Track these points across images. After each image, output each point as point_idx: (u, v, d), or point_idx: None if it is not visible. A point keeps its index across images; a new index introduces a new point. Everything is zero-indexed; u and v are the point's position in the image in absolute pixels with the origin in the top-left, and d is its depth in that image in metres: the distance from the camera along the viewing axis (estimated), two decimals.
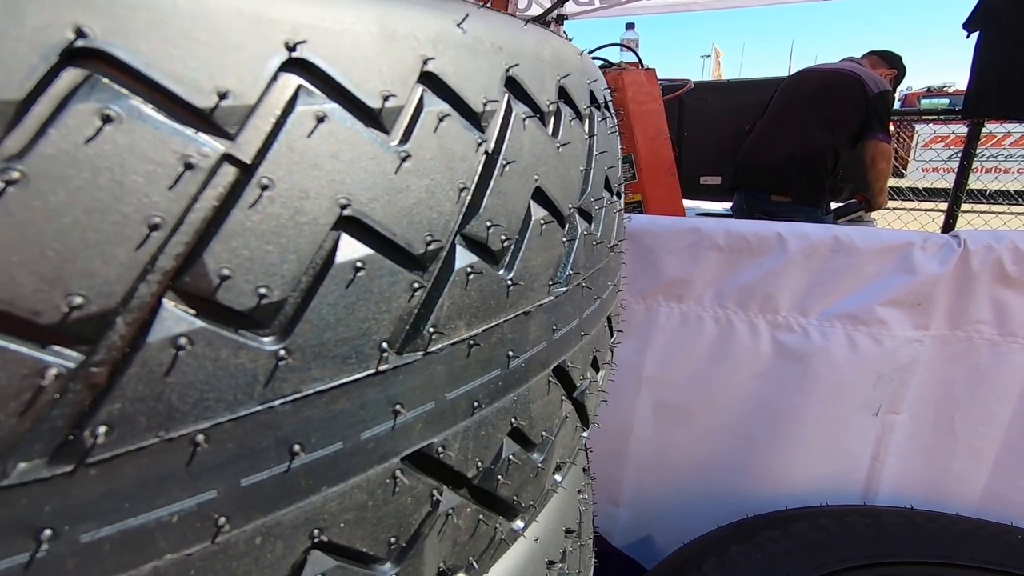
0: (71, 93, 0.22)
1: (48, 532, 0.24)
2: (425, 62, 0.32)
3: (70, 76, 0.22)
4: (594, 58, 2.41)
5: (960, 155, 2.94)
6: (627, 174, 2.26)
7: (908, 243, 1.18)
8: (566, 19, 4.05)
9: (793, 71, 3.19)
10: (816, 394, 1.30)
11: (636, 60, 2.51)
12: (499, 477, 0.43)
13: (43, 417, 0.23)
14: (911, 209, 3.88)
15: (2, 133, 0.21)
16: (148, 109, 0.23)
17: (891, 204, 4.36)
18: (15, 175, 0.21)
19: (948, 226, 3.01)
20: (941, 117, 3.53)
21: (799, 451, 1.36)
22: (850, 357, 1.26)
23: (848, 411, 1.31)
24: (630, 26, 2.89)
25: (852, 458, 1.35)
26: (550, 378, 0.47)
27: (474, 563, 0.45)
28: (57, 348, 0.23)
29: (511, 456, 0.44)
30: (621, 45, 2.71)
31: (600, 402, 0.64)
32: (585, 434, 0.61)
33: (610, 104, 0.59)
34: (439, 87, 0.33)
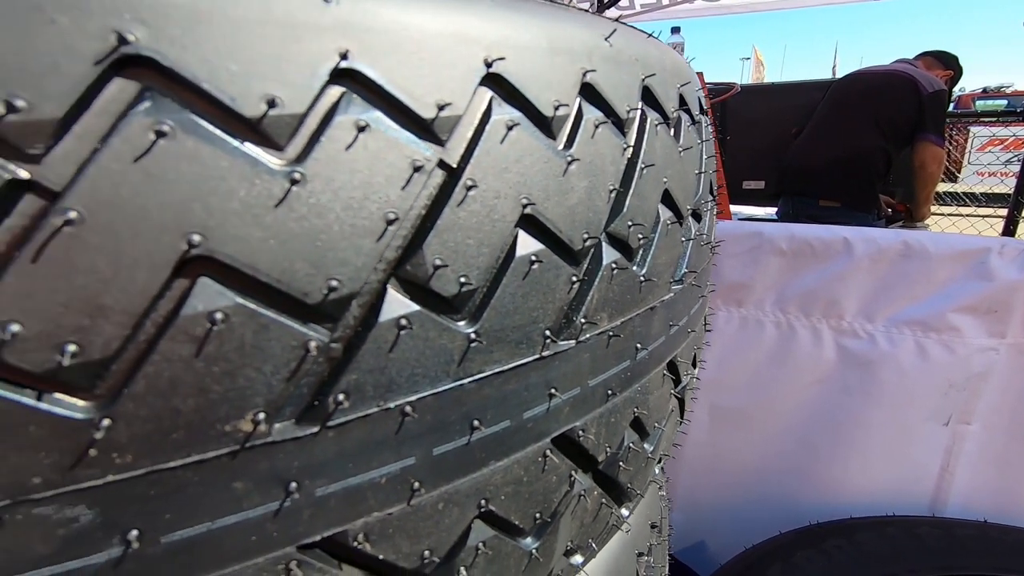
0: (334, 107, 0.26)
1: (294, 484, 0.27)
2: (584, 74, 0.35)
3: (334, 92, 0.26)
4: None
5: (1022, 159, 2.83)
6: None
7: (984, 248, 1.16)
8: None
9: (838, 73, 3.13)
10: (882, 401, 1.28)
11: None
12: (620, 463, 0.46)
13: (300, 384, 0.27)
14: (967, 215, 3.74)
15: (285, 140, 0.25)
16: (389, 120, 0.27)
17: (946, 210, 4.20)
18: (297, 176, 0.25)
19: (1008, 232, 2.90)
20: (1000, 119, 3.39)
21: (862, 459, 1.34)
22: (919, 364, 1.24)
23: (916, 420, 1.28)
24: (675, 30, 2.90)
25: (919, 468, 1.32)
26: (665, 372, 0.49)
27: (593, 545, 0.48)
28: (314, 325, 0.26)
29: (631, 444, 0.47)
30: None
31: (692, 400, 0.65)
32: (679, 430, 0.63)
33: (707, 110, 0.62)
34: (595, 97, 0.36)
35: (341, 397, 0.27)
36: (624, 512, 0.53)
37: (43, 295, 0.21)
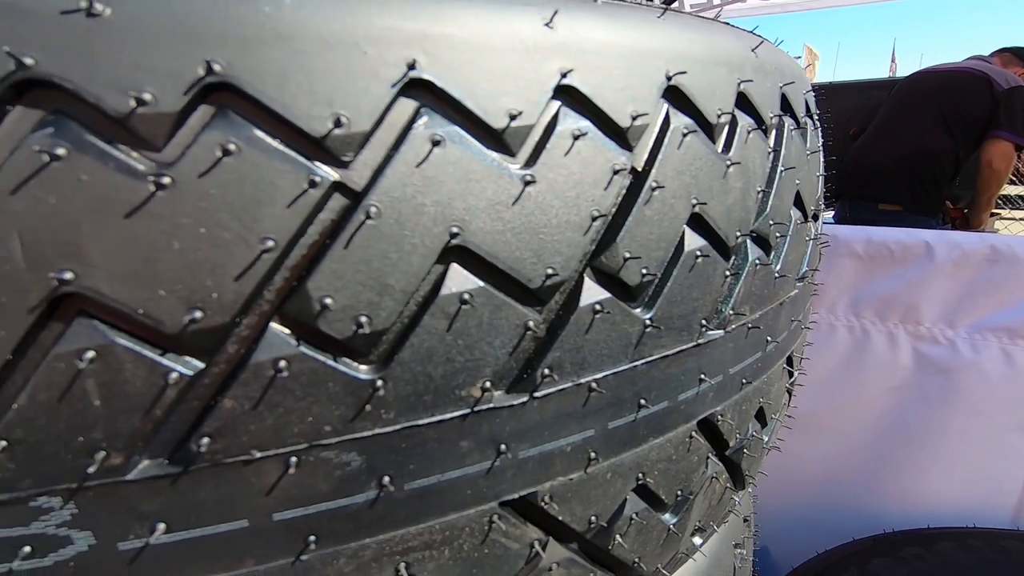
0: (555, 118, 0.29)
1: (504, 446, 0.32)
2: (739, 84, 0.38)
3: (555, 106, 0.29)
4: None
5: None
6: None
7: None
8: None
9: (896, 72, 3.01)
10: (962, 410, 1.25)
11: None
12: (744, 450, 0.48)
13: (518, 358, 0.31)
14: None
15: (518, 148, 0.29)
16: (596, 129, 0.31)
17: (1018, 214, 3.98)
18: (529, 178, 0.29)
19: None
20: None
21: (940, 469, 1.31)
22: (1005, 373, 1.20)
23: (1000, 430, 1.24)
24: None
25: (1003, 480, 1.27)
26: (784, 365, 0.52)
27: (714, 527, 0.51)
28: (531, 307, 0.30)
29: (753, 432, 0.49)
30: None
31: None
32: None
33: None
34: (746, 105, 0.39)
35: (546, 371, 0.31)
36: (736, 499, 0.55)
37: (348, 276, 0.26)
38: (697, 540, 0.50)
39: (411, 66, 0.26)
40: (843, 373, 1.36)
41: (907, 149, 2.58)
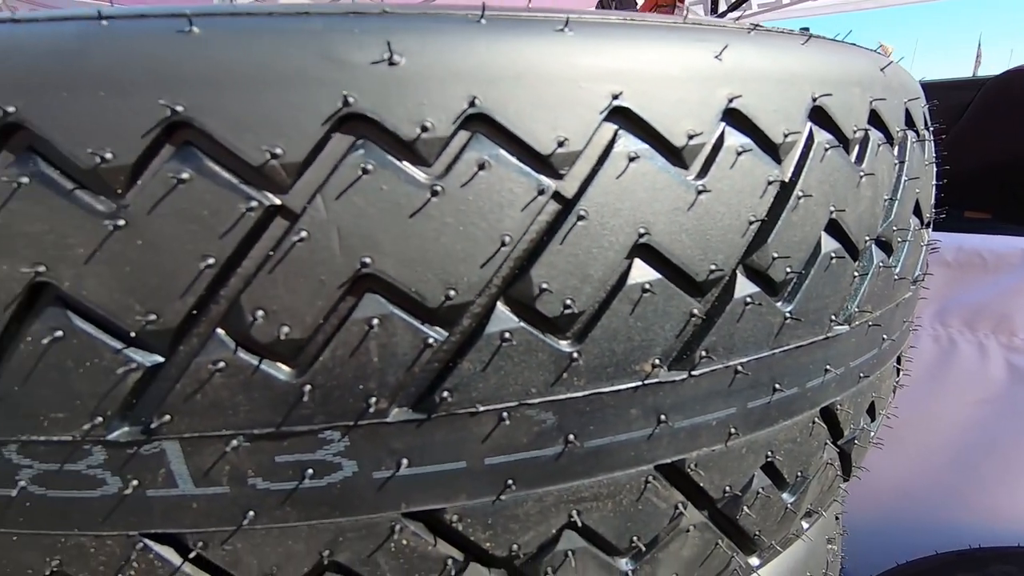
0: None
1: (663, 416, 0.37)
2: (871, 102, 0.42)
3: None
4: None
5: None
6: None
7: None
8: None
9: (980, 71, 2.85)
10: None
11: None
12: (856, 441, 0.52)
13: (682, 340, 0.36)
14: None
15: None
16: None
17: None
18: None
19: None
20: None
21: None
22: None
23: None
24: (804, 30, 2.78)
25: None
26: (895, 364, 0.55)
27: (822, 512, 0.54)
28: (693, 298, 0.36)
29: (864, 425, 0.52)
30: None
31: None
32: None
33: None
34: (877, 121, 0.43)
35: (703, 353, 0.36)
36: (843, 488, 0.58)
37: (560, 266, 0.32)
38: (805, 524, 0.54)
39: (615, 96, 0.31)
40: (927, 384, 1.33)
41: (998, 154, 2.44)
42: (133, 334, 0.29)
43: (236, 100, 0.28)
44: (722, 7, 3.49)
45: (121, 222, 0.28)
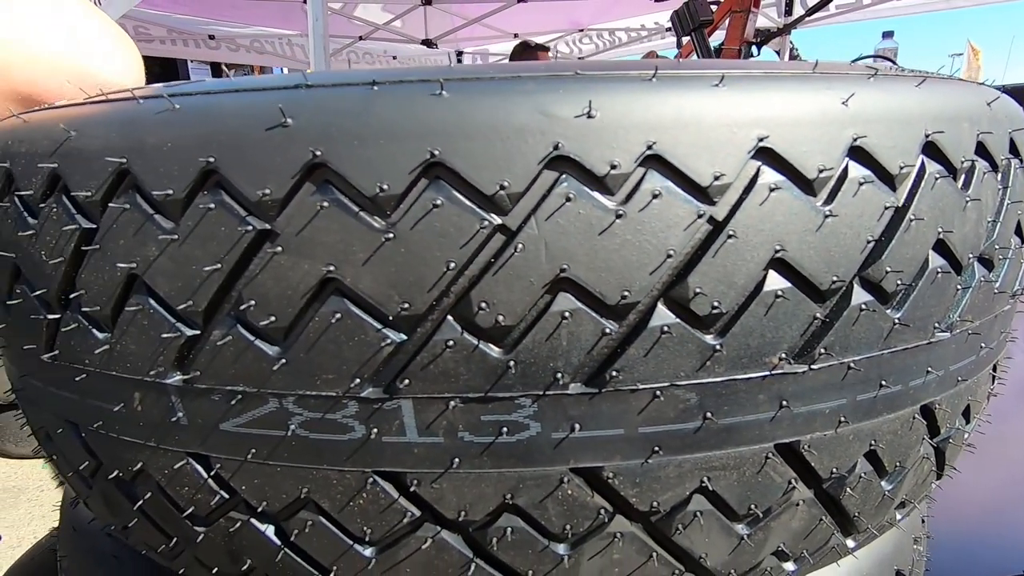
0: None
1: (785, 402, 0.44)
2: (978, 135, 0.47)
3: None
4: None
5: None
6: None
7: None
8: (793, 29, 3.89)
9: None
10: None
11: None
12: (951, 440, 0.56)
13: (805, 339, 0.43)
14: None
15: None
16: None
17: None
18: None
19: None
20: None
21: None
22: None
23: None
24: (888, 34, 2.72)
25: None
26: (990, 372, 0.59)
27: (915, 504, 0.59)
28: (816, 304, 0.42)
29: (959, 426, 0.57)
30: (876, 56, 2.57)
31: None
32: None
33: None
34: (983, 152, 0.48)
35: (823, 350, 0.43)
36: (935, 484, 0.63)
37: (711, 275, 0.39)
38: (898, 515, 0.59)
39: (761, 139, 0.39)
40: (1016, 397, 1.30)
41: None
42: (391, 318, 0.39)
43: (475, 145, 0.37)
44: (797, 9, 3.43)
45: (391, 235, 0.38)
